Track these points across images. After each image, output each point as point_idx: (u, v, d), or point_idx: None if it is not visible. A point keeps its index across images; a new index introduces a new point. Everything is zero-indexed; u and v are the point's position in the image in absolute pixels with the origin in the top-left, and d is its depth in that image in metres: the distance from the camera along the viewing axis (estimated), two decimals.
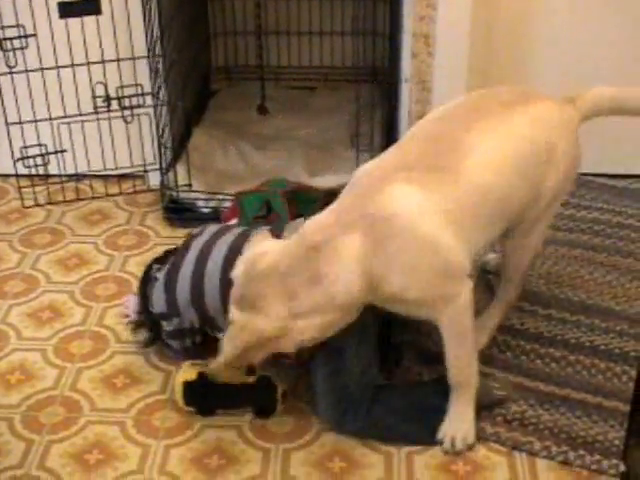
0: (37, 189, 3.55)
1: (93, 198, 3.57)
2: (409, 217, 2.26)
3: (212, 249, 2.57)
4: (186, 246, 2.66)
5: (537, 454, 2.45)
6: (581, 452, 2.43)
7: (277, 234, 2.46)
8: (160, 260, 2.77)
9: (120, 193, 3.58)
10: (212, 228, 2.70)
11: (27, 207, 3.53)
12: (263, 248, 2.32)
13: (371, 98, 3.38)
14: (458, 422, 2.47)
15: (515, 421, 2.53)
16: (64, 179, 3.58)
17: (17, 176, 3.54)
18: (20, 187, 3.54)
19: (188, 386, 2.52)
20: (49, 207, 3.54)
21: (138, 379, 2.69)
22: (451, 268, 2.33)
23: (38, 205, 3.54)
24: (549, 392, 2.62)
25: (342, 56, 4.16)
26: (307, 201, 3.21)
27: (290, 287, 2.23)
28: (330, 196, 3.10)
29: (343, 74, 4.15)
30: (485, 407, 2.53)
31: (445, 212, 2.30)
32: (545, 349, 2.76)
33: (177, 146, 3.57)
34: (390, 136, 3.61)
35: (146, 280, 2.73)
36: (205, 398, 2.55)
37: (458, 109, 2.54)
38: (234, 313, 2.27)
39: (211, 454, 2.44)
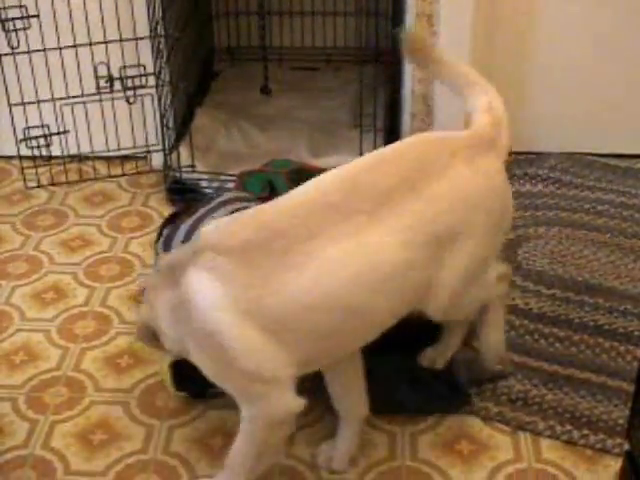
0: (40, 170, 3.54)
1: (96, 179, 3.57)
2: (198, 308, 2.00)
3: (212, 213, 2.54)
4: (193, 210, 2.64)
5: (541, 433, 2.44)
6: (585, 431, 2.43)
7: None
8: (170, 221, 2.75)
9: (123, 174, 3.57)
10: (222, 197, 2.66)
11: (30, 188, 3.53)
12: None
13: (374, 79, 3.37)
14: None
15: (519, 401, 2.53)
16: (67, 160, 3.57)
17: (20, 157, 3.53)
18: (23, 168, 3.53)
19: (176, 369, 2.47)
20: (52, 188, 3.53)
21: (142, 359, 2.68)
22: (248, 369, 2.02)
23: (41, 186, 3.53)
24: (553, 372, 2.61)
25: (345, 37, 4.15)
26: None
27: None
28: None
29: (346, 55, 4.13)
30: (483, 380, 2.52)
31: (244, 314, 1.99)
32: (549, 329, 2.75)
33: (180, 127, 3.57)
34: (393, 116, 3.61)
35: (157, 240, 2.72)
36: (194, 380, 2.40)
37: (330, 195, 2.08)
38: None
39: (214, 434, 2.44)
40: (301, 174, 3.21)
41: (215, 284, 1.99)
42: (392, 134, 3.55)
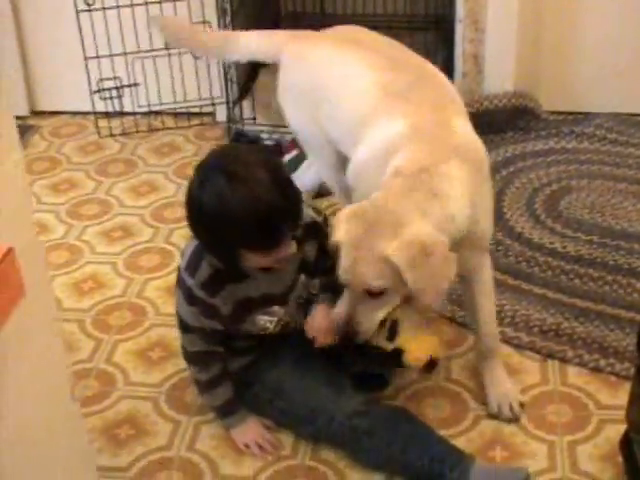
0: (112, 124, 3.78)
1: (164, 129, 3.79)
2: (480, 143, 2.33)
3: None
4: None
5: (569, 361, 2.60)
6: (612, 360, 2.58)
7: None
8: None
9: (189, 126, 3.79)
10: None
11: (103, 137, 3.76)
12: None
13: (434, 43, 3.53)
14: (500, 387, 2.47)
15: (550, 332, 2.68)
16: (137, 115, 3.81)
17: (95, 113, 3.77)
18: (97, 120, 3.76)
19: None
20: (123, 140, 3.76)
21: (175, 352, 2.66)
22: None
23: (112, 135, 3.76)
24: (585, 307, 2.76)
25: (405, 4, 4.30)
26: None
27: (413, 205, 2.14)
28: None
29: (406, 22, 4.27)
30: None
31: None
32: (584, 269, 2.90)
33: (244, 84, 3.75)
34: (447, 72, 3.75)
35: None
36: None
37: (399, 75, 2.45)
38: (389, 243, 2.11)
39: None
40: None
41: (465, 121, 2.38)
42: None
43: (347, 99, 2.49)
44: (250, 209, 2.02)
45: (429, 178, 2.17)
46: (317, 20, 4.33)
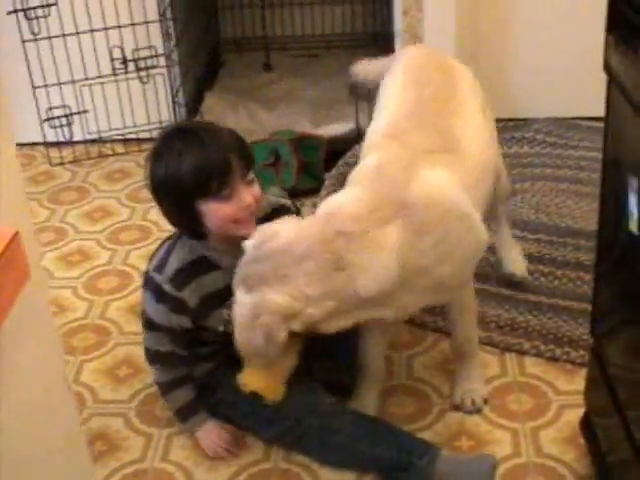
0: (63, 153, 3.82)
1: (115, 155, 3.84)
2: (448, 200, 2.20)
3: None
4: None
5: (526, 353, 2.68)
6: (567, 349, 2.67)
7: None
8: None
9: (140, 150, 3.82)
10: None
11: (54, 165, 3.80)
12: (273, 229, 2.14)
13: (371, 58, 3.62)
14: (468, 384, 2.54)
15: (506, 327, 2.77)
16: (87, 144, 3.85)
17: (45, 144, 3.82)
18: (48, 149, 3.80)
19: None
20: (73, 168, 3.80)
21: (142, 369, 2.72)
22: (482, 245, 2.30)
23: (63, 164, 3.80)
24: (538, 301, 2.85)
25: (343, 24, 4.41)
26: (312, 147, 3.49)
27: (306, 270, 2.08)
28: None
29: (344, 41, 4.39)
30: None
31: (466, 190, 2.25)
32: (534, 266, 2.99)
33: (191, 109, 3.83)
34: None
35: None
36: None
37: (421, 93, 2.44)
38: (240, 295, 2.12)
39: None
40: (303, 141, 3.49)
41: (445, 173, 2.25)
42: None
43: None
44: (200, 153, 2.22)
45: (345, 246, 2.10)
46: (258, 43, 4.44)
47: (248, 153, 2.31)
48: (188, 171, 2.21)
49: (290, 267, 2.07)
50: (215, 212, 2.25)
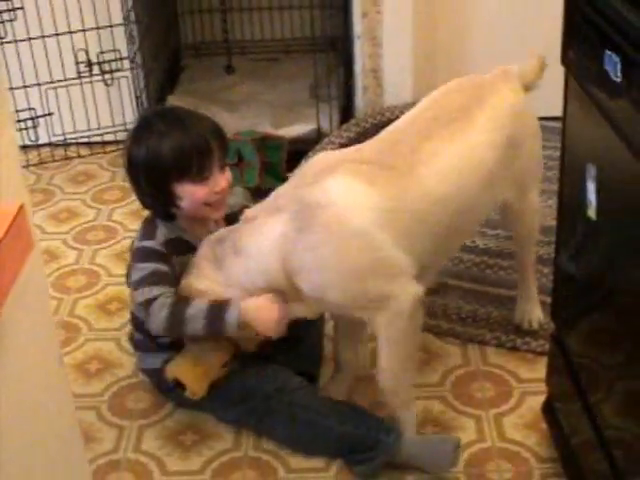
0: (29, 156, 3.85)
1: (80, 157, 3.88)
2: (339, 210, 2.17)
3: None
4: None
5: (488, 343, 2.76)
6: (527, 339, 2.75)
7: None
8: None
9: (105, 152, 3.89)
10: None
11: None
12: None
13: (334, 62, 3.72)
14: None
15: (468, 319, 2.85)
16: (53, 146, 3.88)
17: None
18: None
19: None
20: (38, 171, 3.83)
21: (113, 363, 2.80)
22: (384, 266, 2.21)
23: (28, 166, 3.81)
24: (498, 294, 2.94)
25: (302, 28, 4.47)
26: (274, 148, 3.55)
27: (217, 254, 2.28)
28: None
29: (304, 45, 4.45)
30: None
31: (385, 211, 2.19)
32: (493, 260, 3.08)
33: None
34: (348, 93, 3.94)
35: None
36: None
37: (425, 113, 2.43)
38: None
39: (185, 431, 2.54)
40: (265, 141, 3.55)
41: (362, 186, 2.18)
42: (347, 108, 3.90)
43: None
44: (182, 136, 2.32)
45: (241, 232, 2.26)
46: (218, 47, 4.50)
47: (225, 139, 2.43)
48: (169, 151, 2.31)
49: (207, 252, 2.30)
50: (191, 194, 2.35)
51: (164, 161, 2.31)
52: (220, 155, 2.37)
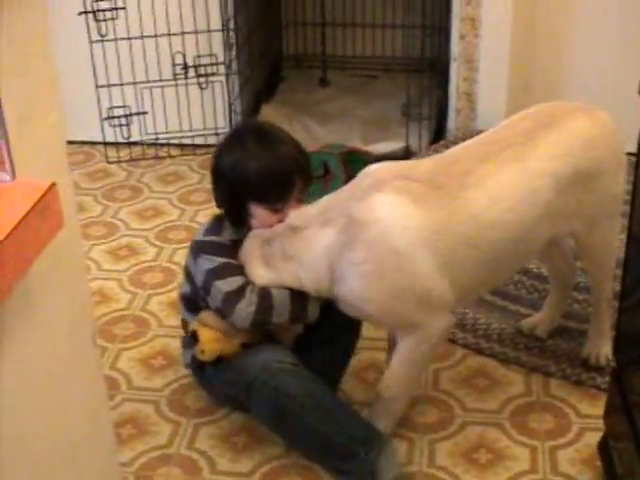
0: (121, 153, 3.96)
1: (170, 158, 3.97)
2: (382, 229, 2.19)
3: None
4: None
5: (553, 374, 2.72)
6: (593, 374, 2.70)
7: None
8: None
9: (194, 154, 3.96)
10: None
11: (111, 163, 3.94)
12: None
13: (428, 83, 3.73)
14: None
15: (535, 348, 2.81)
16: (145, 144, 3.98)
17: (104, 144, 3.96)
18: (106, 148, 3.94)
19: None
20: (129, 168, 3.93)
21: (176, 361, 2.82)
22: (420, 292, 2.22)
23: (120, 162, 3.93)
24: (568, 326, 2.88)
25: (401, 48, 4.47)
26: (360, 162, 3.55)
27: (266, 255, 2.34)
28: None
29: (401, 64, 4.46)
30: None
31: (430, 231, 2.19)
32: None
33: (247, 116, 3.93)
34: (442, 114, 3.93)
35: None
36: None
37: (490, 135, 2.40)
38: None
39: (239, 433, 2.56)
40: (353, 156, 3.57)
41: (407, 205, 2.18)
42: (440, 129, 3.90)
43: None
44: (269, 164, 2.34)
45: (290, 239, 2.30)
46: (318, 61, 4.54)
47: (310, 174, 2.46)
48: (254, 174, 2.35)
49: (256, 251, 2.35)
50: (261, 217, 2.40)
51: (247, 181, 2.36)
52: (300, 190, 2.40)
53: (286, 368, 2.39)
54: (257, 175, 2.35)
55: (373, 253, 2.19)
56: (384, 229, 2.18)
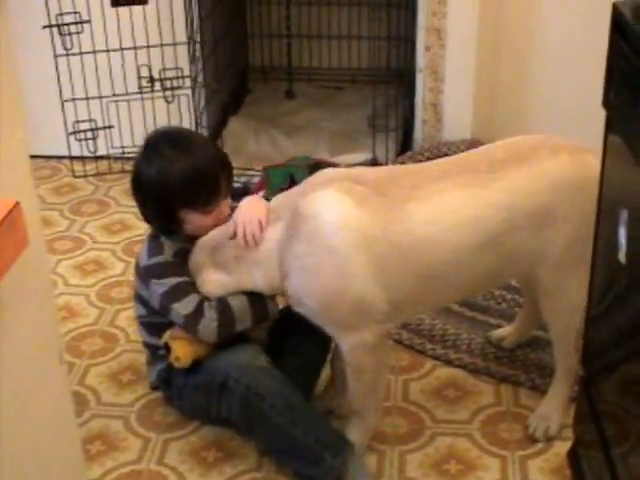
0: (87, 167, 3.93)
1: None
2: (321, 224, 2.20)
3: None
4: None
5: (522, 384, 2.73)
6: None
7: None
8: None
9: None
10: None
11: (77, 177, 3.92)
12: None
13: (394, 94, 3.73)
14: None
15: (504, 358, 2.82)
16: (111, 160, 3.95)
17: (70, 158, 3.94)
18: (73, 162, 3.92)
19: None
20: (96, 182, 3.91)
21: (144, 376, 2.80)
22: (353, 296, 2.23)
23: (86, 176, 3.91)
24: (537, 336, 2.87)
25: (366, 59, 4.49)
26: None
27: (217, 261, 2.35)
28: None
29: (367, 75, 4.46)
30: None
31: (365, 235, 2.20)
32: None
33: (214, 131, 3.93)
34: (408, 125, 3.94)
35: None
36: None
37: (461, 158, 2.40)
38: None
39: (209, 448, 2.54)
40: (320, 168, 3.55)
41: (349, 205, 2.19)
42: (406, 140, 3.91)
43: None
44: (192, 167, 2.36)
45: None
46: (284, 72, 4.55)
47: (231, 168, 2.50)
48: (178, 180, 2.36)
49: (201, 260, 2.38)
50: (195, 222, 2.43)
51: (173, 189, 2.37)
52: (226, 185, 2.44)
53: (259, 367, 2.41)
54: (182, 180, 2.36)
55: (311, 247, 2.22)
56: (322, 224, 2.21)
